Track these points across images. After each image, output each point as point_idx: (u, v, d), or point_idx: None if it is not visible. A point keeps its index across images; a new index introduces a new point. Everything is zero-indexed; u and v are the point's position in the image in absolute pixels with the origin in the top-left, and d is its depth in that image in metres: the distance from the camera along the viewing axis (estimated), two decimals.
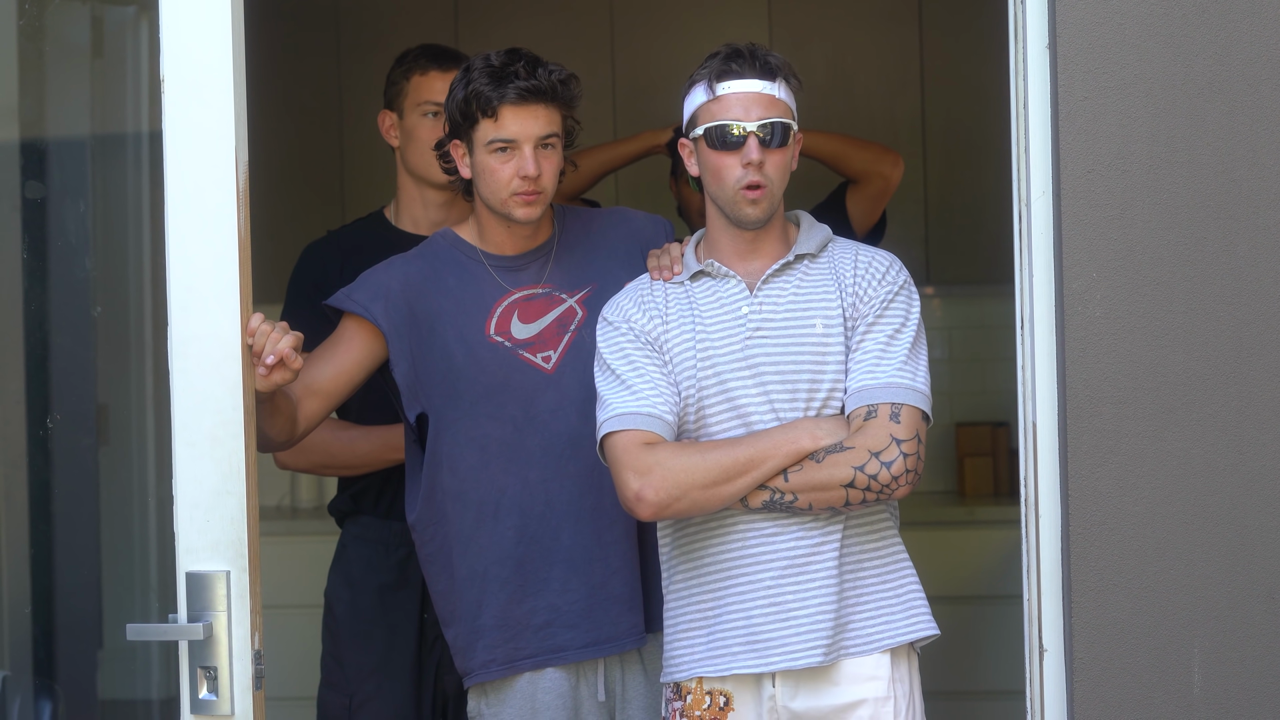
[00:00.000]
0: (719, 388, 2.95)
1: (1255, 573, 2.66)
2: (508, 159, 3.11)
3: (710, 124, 2.94)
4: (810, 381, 2.94)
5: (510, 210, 3.14)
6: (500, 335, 3.17)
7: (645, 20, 5.69)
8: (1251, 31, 2.66)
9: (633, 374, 2.97)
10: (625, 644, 3.18)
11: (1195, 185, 2.67)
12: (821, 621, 2.90)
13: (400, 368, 3.18)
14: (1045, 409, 2.73)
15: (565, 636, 3.16)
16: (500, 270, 3.21)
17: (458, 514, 3.17)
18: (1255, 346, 2.66)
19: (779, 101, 2.95)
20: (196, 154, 2.72)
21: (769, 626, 2.92)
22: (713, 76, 2.95)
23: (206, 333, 2.71)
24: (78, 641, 3.42)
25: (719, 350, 2.96)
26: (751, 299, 2.98)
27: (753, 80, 2.94)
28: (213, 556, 2.70)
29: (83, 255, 3.40)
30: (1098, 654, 2.67)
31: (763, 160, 2.92)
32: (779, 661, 2.91)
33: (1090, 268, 2.68)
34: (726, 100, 2.94)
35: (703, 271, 3.03)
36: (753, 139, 2.92)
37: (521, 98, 3.08)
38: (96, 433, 3.46)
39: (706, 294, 3.02)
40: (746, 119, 2.93)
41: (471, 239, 3.24)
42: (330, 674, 3.66)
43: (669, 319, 3.01)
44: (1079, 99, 2.67)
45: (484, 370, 3.14)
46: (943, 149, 5.60)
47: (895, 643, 2.95)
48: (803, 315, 2.97)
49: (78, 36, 3.47)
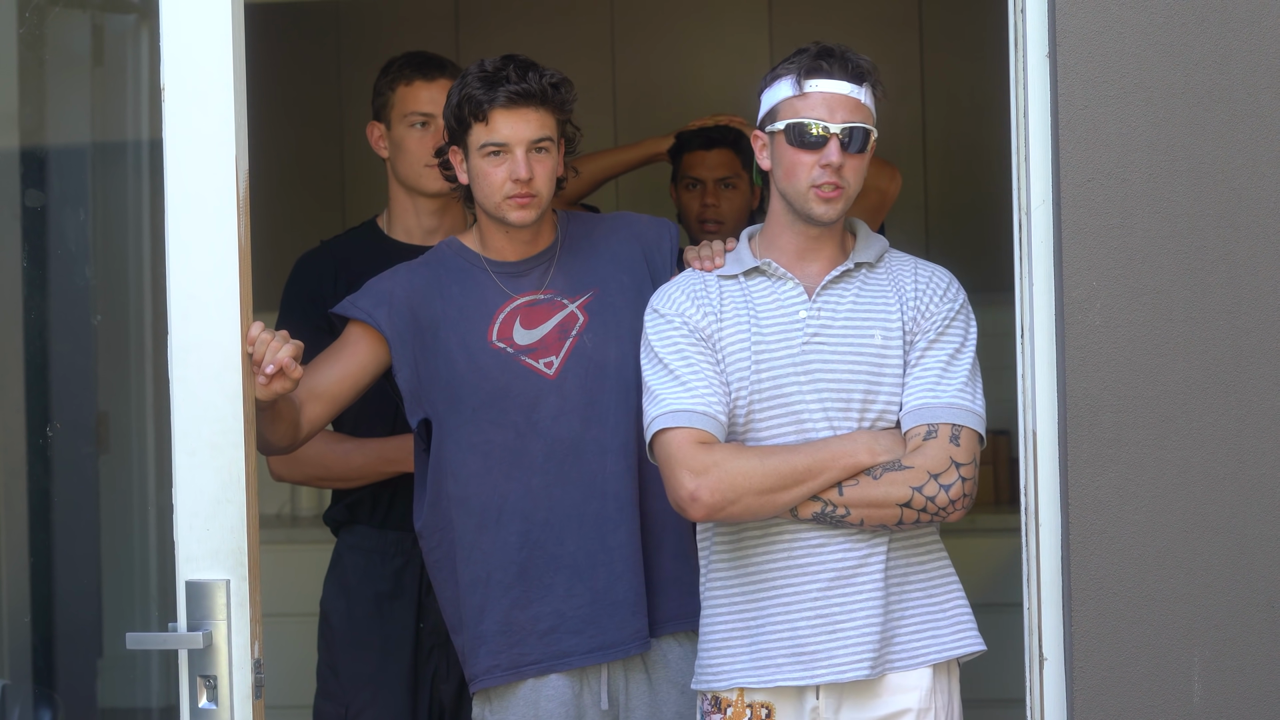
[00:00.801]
0: (774, 390, 2.92)
1: (1255, 581, 2.66)
2: (500, 162, 3.12)
3: (793, 120, 2.91)
4: (865, 392, 2.92)
5: (504, 214, 3.14)
6: (502, 341, 3.18)
7: (645, 27, 5.69)
8: (1251, 40, 2.66)
9: (686, 369, 2.94)
10: (630, 649, 3.17)
11: (1195, 194, 2.67)
12: (869, 634, 2.89)
13: (403, 374, 3.19)
14: (1045, 417, 2.73)
15: (570, 642, 3.16)
16: (502, 276, 3.22)
17: (461, 520, 3.17)
18: (1255, 355, 2.66)
19: (863, 106, 2.92)
20: (197, 161, 2.72)
21: (815, 638, 2.90)
22: (801, 73, 2.92)
23: (207, 341, 2.71)
24: (77, 650, 3.42)
25: (775, 352, 2.93)
26: (810, 303, 2.96)
27: (841, 82, 2.91)
28: (213, 565, 2.70)
29: (83, 263, 3.40)
30: (1098, 662, 2.67)
31: (842, 163, 2.89)
32: (825, 674, 2.89)
33: (1090, 276, 2.68)
34: (812, 99, 2.91)
35: (758, 269, 3.00)
36: (834, 141, 2.89)
37: (512, 101, 3.10)
38: (96, 441, 3.46)
39: (763, 293, 2.98)
40: (831, 120, 2.90)
41: (474, 246, 3.25)
42: (326, 684, 3.66)
43: (724, 315, 2.98)
44: (1079, 108, 2.67)
45: (486, 377, 3.15)
46: (943, 157, 5.60)
47: (941, 658, 2.94)
48: (862, 324, 2.95)
49: (78, 45, 3.47)
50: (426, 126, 3.58)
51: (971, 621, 2.98)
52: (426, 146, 3.56)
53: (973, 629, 2.98)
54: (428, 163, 3.56)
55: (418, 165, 3.58)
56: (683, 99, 5.63)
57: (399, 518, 3.60)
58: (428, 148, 3.56)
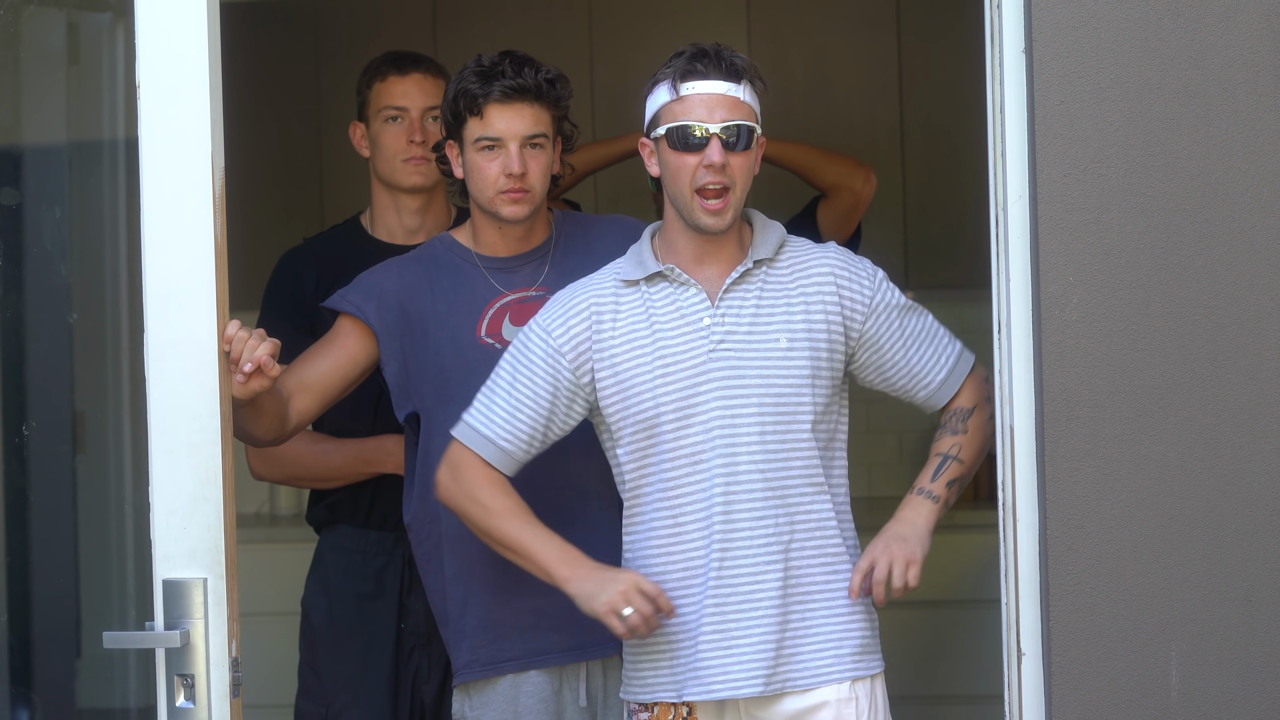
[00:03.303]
0: (681, 400, 2.93)
1: (1232, 576, 2.67)
2: (494, 157, 3.13)
3: (672, 124, 2.91)
4: (776, 398, 2.93)
5: (497, 208, 3.15)
6: (490, 337, 3.19)
7: (624, 25, 5.68)
8: (1226, 36, 2.66)
9: (505, 387, 2.99)
10: (608, 649, 3.17)
11: (1171, 189, 2.67)
12: (763, 652, 2.91)
13: (391, 367, 3.20)
14: (1023, 413, 2.73)
15: (550, 639, 3.17)
16: (494, 272, 3.23)
17: (448, 514, 3.17)
18: (1232, 350, 2.67)
19: (743, 104, 2.92)
20: (172, 159, 2.71)
21: (713, 654, 2.93)
22: (677, 76, 2.92)
23: (183, 339, 2.71)
24: (55, 650, 3.41)
25: (681, 362, 2.94)
26: (713, 310, 2.95)
27: (717, 81, 2.91)
28: (190, 564, 2.70)
29: (59, 262, 3.39)
30: (1076, 658, 2.67)
31: (725, 162, 2.88)
32: (721, 690, 2.93)
33: (1067, 271, 2.68)
34: (690, 101, 2.91)
35: (661, 274, 3.00)
36: (715, 141, 2.89)
37: (506, 96, 3.11)
38: (73, 440, 3.45)
39: (664, 301, 2.98)
40: (710, 120, 2.90)
41: (467, 242, 3.27)
42: (307, 683, 3.65)
43: (617, 328, 2.97)
44: (1055, 103, 2.67)
45: (473, 371, 3.14)
46: (921, 153, 5.60)
47: (841, 678, 2.95)
48: (766, 328, 2.94)
49: (53, 43, 3.46)
50: (400, 121, 3.57)
51: (874, 640, 3.00)
52: (401, 140, 3.56)
53: (875, 649, 2.99)
54: (404, 157, 3.56)
55: (394, 160, 3.58)
56: None
57: (381, 517, 3.60)
58: (402, 141, 3.56)
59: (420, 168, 3.57)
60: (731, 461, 2.92)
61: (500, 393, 3.00)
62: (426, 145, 3.55)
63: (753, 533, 2.92)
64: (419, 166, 3.57)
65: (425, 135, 3.56)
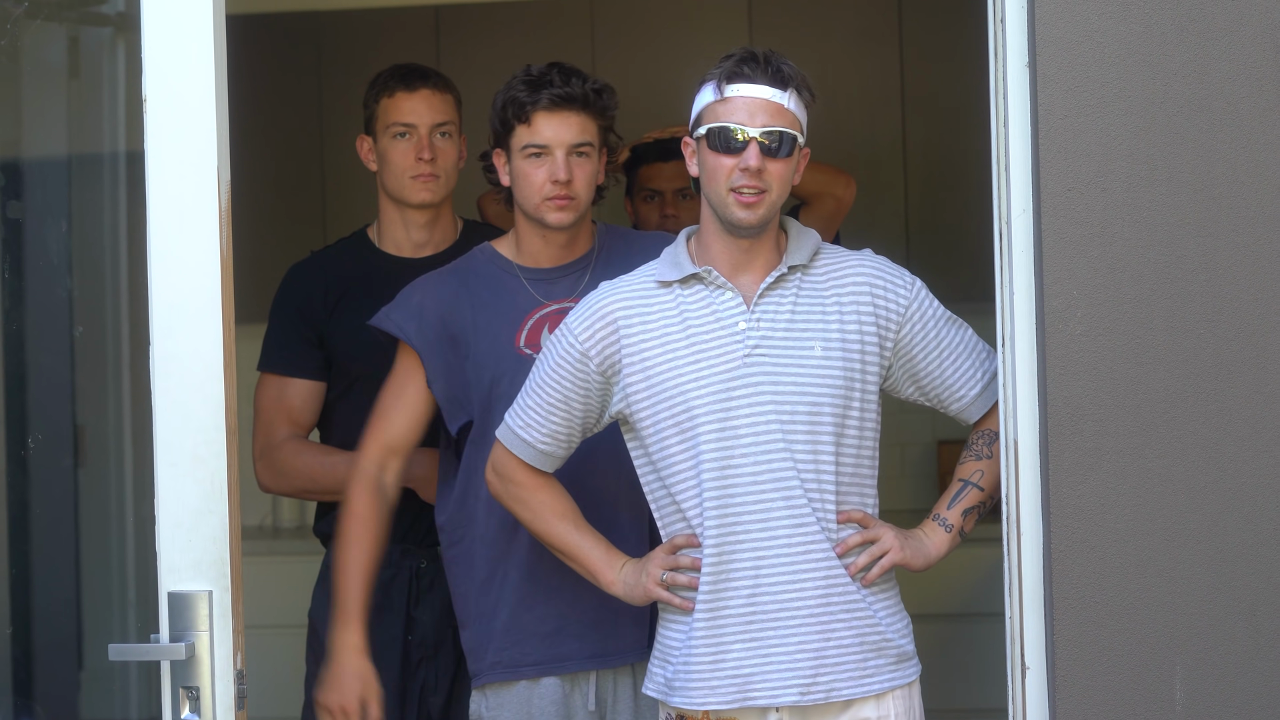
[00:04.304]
0: (714, 405, 2.90)
1: (1237, 590, 2.67)
2: (541, 164, 3.18)
3: (713, 124, 2.90)
4: (811, 406, 2.90)
5: (543, 215, 3.19)
6: (529, 347, 3.22)
7: (625, 37, 5.69)
8: (1230, 50, 2.67)
9: (538, 394, 3.01)
10: (628, 658, 3.22)
11: (1175, 203, 2.67)
12: (803, 660, 2.89)
13: (437, 384, 3.25)
14: (1026, 426, 2.73)
15: (571, 646, 3.21)
16: (535, 283, 3.26)
17: (485, 518, 3.22)
18: (1236, 364, 2.67)
19: (787, 111, 2.91)
20: (179, 172, 2.72)
21: (750, 661, 2.90)
22: (723, 78, 2.91)
23: (189, 352, 2.71)
24: (58, 662, 3.41)
25: (714, 367, 2.91)
26: (748, 314, 2.94)
27: (762, 86, 2.90)
28: (195, 576, 2.70)
29: (64, 275, 3.40)
30: (1080, 671, 2.67)
31: (762, 168, 2.87)
32: (758, 698, 2.90)
33: (1070, 285, 2.68)
34: (733, 103, 2.89)
35: (696, 276, 2.98)
36: (754, 145, 2.87)
37: (554, 104, 3.16)
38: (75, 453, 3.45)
39: (699, 304, 2.96)
40: (750, 124, 2.88)
41: (508, 253, 3.30)
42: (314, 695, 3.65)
43: (649, 332, 2.95)
44: (1059, 117, 2.68)
45: (514, 382, 3.17)
46: (923, 166, 5.61)
47: (881, 688, 2.93)
48: (801, 336, 2.92)
49: (54, 57, 3.47)
50: (408, 137, 3.58)
51: (912, 644, 2.99)
52: (409, 157, 3.57)
53: (912, 655, 2.98)
54: (412, 174, 3.57)
55: (402, 177, 3.58)
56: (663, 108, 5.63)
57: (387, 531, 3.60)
58: (410, 159, 3.56)
59: (429, 184, 3.58)
60: (768, 468, 2.90)
61: (533, 395, 3.02)
62: (435, 162, 3.56)
63: (790, 538, 2.90)
64: (427, 184, 3.58)
65: (434, 152, 3.57)
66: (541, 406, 3.00)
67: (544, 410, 3.00)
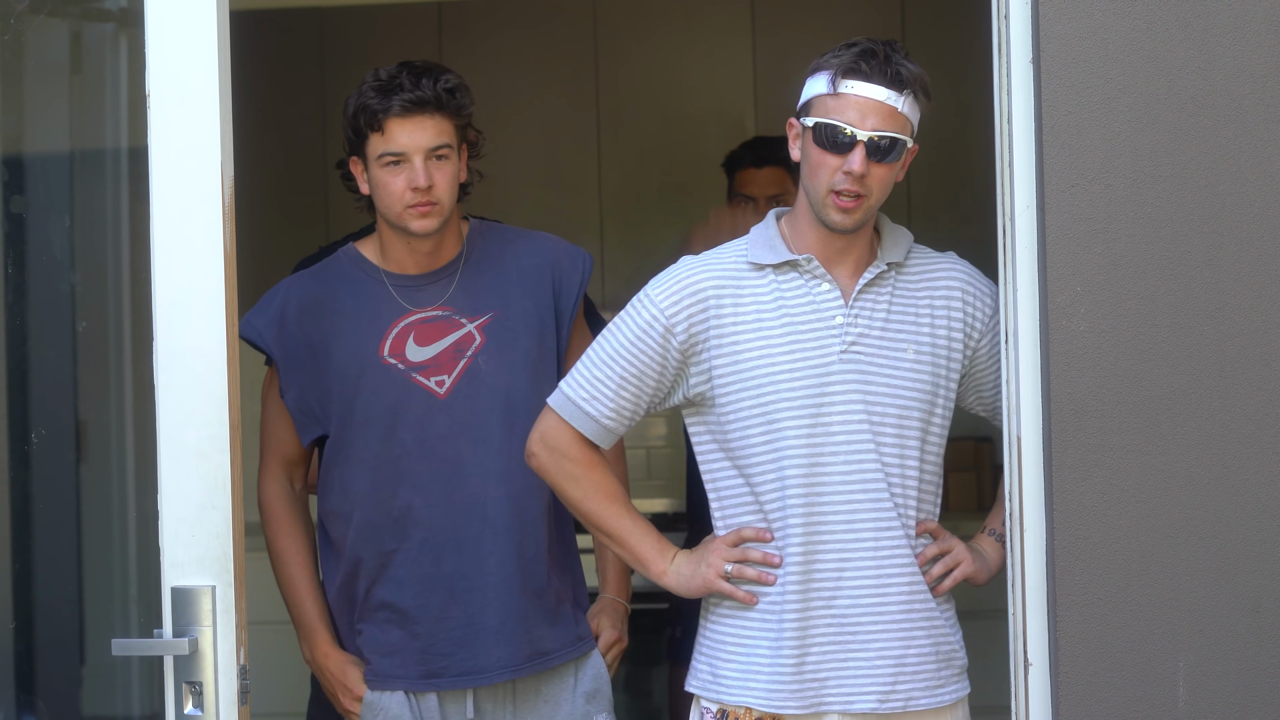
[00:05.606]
0: (805, 398, 2.82)
1: (1240, 586, 2.67)
2: (399, 172, 3.09)
3: (823, 119, 2.79)
4: (900, 409, 2.84)
5: (406, 223, 3.10)
6: (394, 357, 3.13)
7: (628, 34, 5.69)
8: (1234, 46, 2.67)
9: (609, 365, 2.88)
10: (493, 677, 3.14)
11: (1179, 199, 2.67)
12: (882, 667, 2.84)
13: (290, 394, 3.17)
14: (1030, 423, 2.73)
15: (439, 664, 3.15)
16: (401, 290, 3.17)
17: (343, 535, 3.17)
18: (1239, 360, 2.67)
19: (900, 115, 2.79)
20: (182, 168, 2.72)
21: (827, 665, 2.85)
22: (839, 71, 2.79)
23: (192, 347, 2.71)
24: (61, 658, 3.41)
25: (809, 359, 2.82)
26: (847, 309, 2.84)
27: (878, 87, 2.78)
28: (198, 571, 2.70)
29: (66, 270, 3.40)
30: (1083, 668, 2.67)
31: (865, 172, 2.77)
32: (834, 703, 2.85)
33: (1074, 282, 2.68)
34: (845, 100, 2.78)
35: (792, 264, 2.87)
36: (861, 148, 2.76)
37: (406, 109, 3.05)
38: (77, 448, 3.45)
39: (796, 292, 2.86)
40: (860, 126, 2.77)
41: (374, 257, 3.21)
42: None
43: (741, 316, 2.85)
44: (1063, 114, 2.67)
45: (376, 392, 3.11)
46: (926, 163, 5.59)
47: (951, 699, 2.90)
48: (897, 336, 2.85)
49: (57, 53, 3.46)
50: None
51: (965, 661, 2.97)
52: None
53: (964, 672, 2.96)
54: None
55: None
56: (665, 105, 5.63)
57: None
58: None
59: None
60: (858, 469, 2.83)
61: (604, 367, 2.87)
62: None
63: (877, 542, 2.84)
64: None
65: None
66: (613, 379, 2.87)
67: (615, 383, 2.87)
